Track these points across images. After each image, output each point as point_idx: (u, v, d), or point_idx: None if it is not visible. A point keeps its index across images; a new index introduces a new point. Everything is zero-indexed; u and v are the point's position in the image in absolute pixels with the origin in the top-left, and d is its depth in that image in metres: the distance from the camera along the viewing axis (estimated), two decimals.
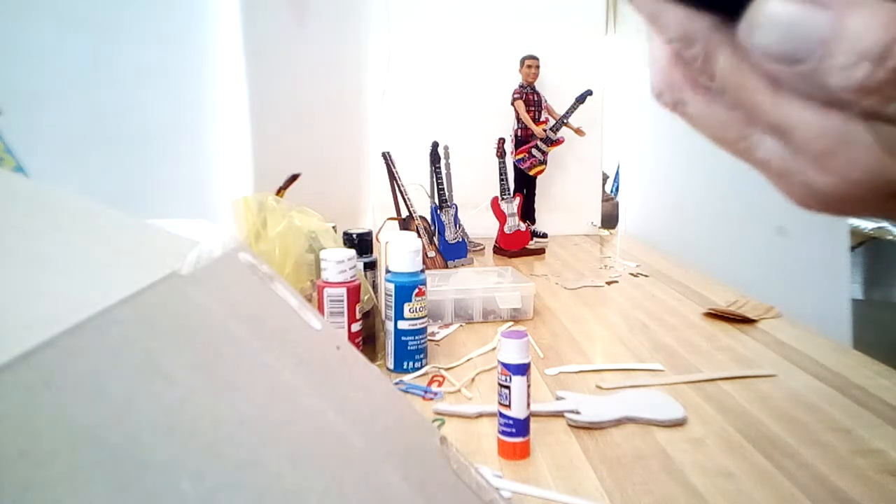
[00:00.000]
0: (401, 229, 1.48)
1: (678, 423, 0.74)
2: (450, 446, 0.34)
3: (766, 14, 0.18)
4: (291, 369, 0.27)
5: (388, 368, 0.90)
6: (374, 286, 0.95)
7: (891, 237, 2.09)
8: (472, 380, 0.87)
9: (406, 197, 1.50)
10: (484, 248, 1.73)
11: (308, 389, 0.27)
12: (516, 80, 1.77)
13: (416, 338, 0.89)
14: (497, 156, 1.69)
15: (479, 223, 1.72)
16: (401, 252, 0.89)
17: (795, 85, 0.18)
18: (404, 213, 1.50)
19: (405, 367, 0.89)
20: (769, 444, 0.69)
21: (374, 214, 1.80)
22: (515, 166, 1.78)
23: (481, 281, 1.17)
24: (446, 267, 1.48)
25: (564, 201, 1.93)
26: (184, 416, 0.21)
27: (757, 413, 0.77)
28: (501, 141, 1.70)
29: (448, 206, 1.57)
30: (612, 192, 2.29)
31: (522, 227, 1.68)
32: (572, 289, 1.34)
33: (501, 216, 1.67)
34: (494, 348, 0.97)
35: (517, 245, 1.67)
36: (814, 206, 0.21)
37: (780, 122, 0.19)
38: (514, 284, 1.15)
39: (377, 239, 1.27)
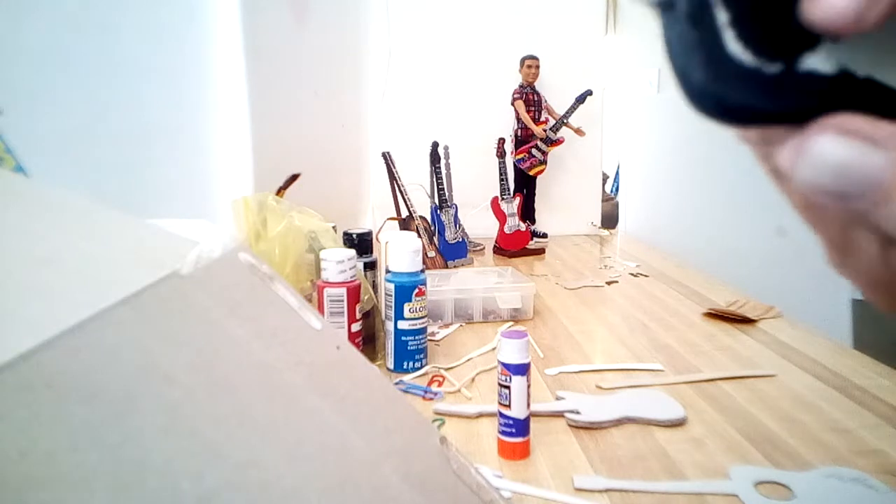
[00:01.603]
0: (401, 229, 1.48)
1: (678, 423, 0.74)
2: (450, 446, 0.34)
3: (815, 152, 0.16)
4: (291, 369, 0.27)
5: (388, 368, 0.90)
6: (374, 286, 0.95)
7: None
8: (472, 380, 0.87)
9: (406, 197, 1.50)
10: (484, 248, 1.73)
11: (308, 389, 0.27)
12: (516, 80, 1.77)
13: (416, 338, 0.89)
14: (497, 156, 1.69)
15: (479, 223, 1.72)
16: (401, 252, 0.89)
17: (846, 215, 0.17)
18: (404, 213, 1.50)
19: (405, 367, 0.89)
20: (769, 444, 0.69)
21: (374, 214, 1.80)
22: (515, 166, 1.78)
23: (481, 281, 1.17)
24: (446, 267, 1.48)
25: (564, 201, 1.93)
26: (184, 416, 0.21)
27: (757, 413, 0.77)
28: (501, 141, 1.70)
29: (448, 206, 1.57)
30: (612, 192, 2.29)
31: (522, 227, 1.68)
32: (572, 289, 1.34)
33: (501, 216, 1.67)
34: (494, 348, 0.97)
35: (517, 245, 1.67)
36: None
37: (843, 244, 0.19)
38: (514, 284, 1.15)
39: (377, 239, 1.27)
